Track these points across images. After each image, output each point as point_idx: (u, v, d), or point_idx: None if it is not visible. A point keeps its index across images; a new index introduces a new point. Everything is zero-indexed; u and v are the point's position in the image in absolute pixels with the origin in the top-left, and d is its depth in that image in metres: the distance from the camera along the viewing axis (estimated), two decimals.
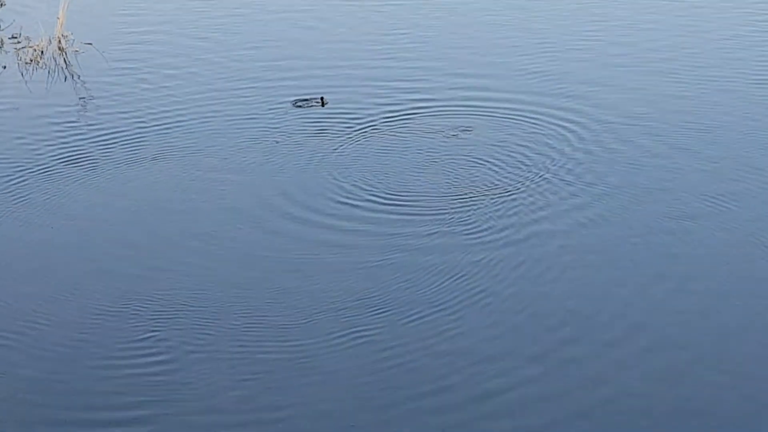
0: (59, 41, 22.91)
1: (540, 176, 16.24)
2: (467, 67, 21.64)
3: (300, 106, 19.39)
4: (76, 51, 22.71)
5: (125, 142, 17.90)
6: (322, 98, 19.55)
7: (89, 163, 17.08)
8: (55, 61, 22.48)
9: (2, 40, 23.63)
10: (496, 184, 16.05)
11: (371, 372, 11.70)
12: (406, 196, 15.73)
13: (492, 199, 15.52)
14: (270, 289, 13.28)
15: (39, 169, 16.82)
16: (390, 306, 12.87)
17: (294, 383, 11.54)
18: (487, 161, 16.90)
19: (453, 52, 22.69)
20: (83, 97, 20.31)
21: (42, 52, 22.57)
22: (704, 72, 21.07)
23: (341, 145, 17.67)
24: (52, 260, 14.21)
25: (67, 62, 22.39)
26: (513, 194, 15.65)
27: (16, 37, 23.66)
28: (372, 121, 18.76)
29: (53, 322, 12.70)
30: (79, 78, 21.41)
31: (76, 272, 13.85)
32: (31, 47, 22.86)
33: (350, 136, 18.08)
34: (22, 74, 21.66)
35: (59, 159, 17.22)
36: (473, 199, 15.52)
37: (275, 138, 18.02)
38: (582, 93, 19.85)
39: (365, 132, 18.26)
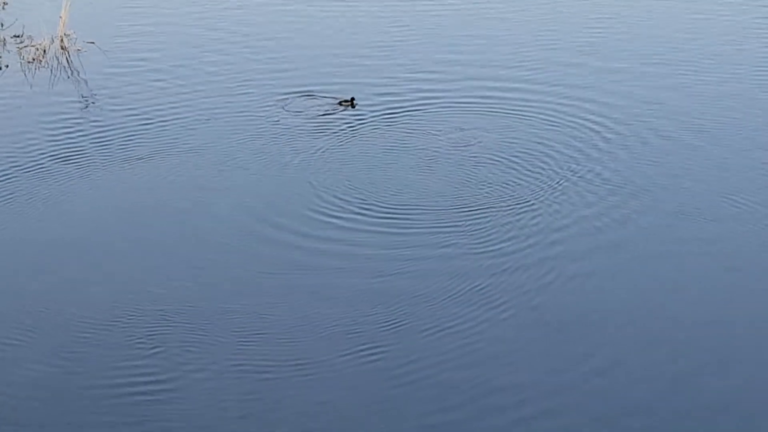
0: (62, 40, 22.71)
1: (555, 181, 15.83)
2: (472, 63, 21.44)
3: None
4: (79, 50, 22.51)
5: (126, 141, 17.51)
6: (352, 99, 19.12)
7: (89, 163, 16.68)
8: (58, 59, 22.29)
9: (5, 39, 23.52)
10: (512, 185, 15.74)
11: (383, 391, 11.27)
12: (416, 202, 15.31)
13: (510, 207, 15.12)
14: (274, 303, 12.80)
15: (38, 168, 16.46)
16: (403, 321, 12.41)
17: (299, 401, 11.11)
18: (497, 161, 16.64)
19: (457, 50, 22.51)
20: (85, 96, 20.08)
21: (44, 51, 22.37)
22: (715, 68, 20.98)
23: (346, 145, 17.38)
24: (49, 261, 13.82)
25: (70, 61, 22.19)
26: (531, 202, 15.23)
27: (18, 37, 23.51)
28: (379, 118, 18.57)
29: (46, 329, 12.28)
30: (81, 77, 21.22)
31: (73, 276, 13.48)
32: (33, 46, 22.67)
33: (353, 134, 17.87)
34: (24, 73, 21.47)
35: (60, 158, 16.84)
36: (487, 207, 15.12)
37: (278, 138, 17.69)
38: (592, 92, 19.54)
39: (373, 129, 18.01)
